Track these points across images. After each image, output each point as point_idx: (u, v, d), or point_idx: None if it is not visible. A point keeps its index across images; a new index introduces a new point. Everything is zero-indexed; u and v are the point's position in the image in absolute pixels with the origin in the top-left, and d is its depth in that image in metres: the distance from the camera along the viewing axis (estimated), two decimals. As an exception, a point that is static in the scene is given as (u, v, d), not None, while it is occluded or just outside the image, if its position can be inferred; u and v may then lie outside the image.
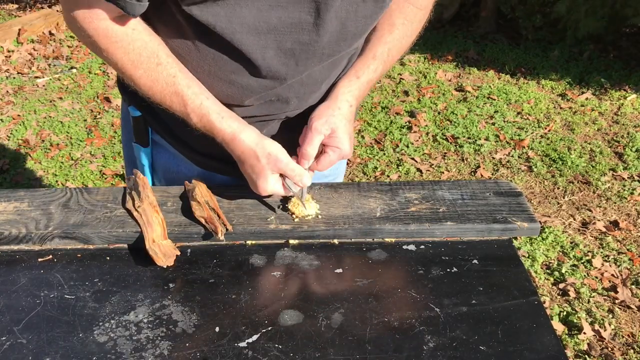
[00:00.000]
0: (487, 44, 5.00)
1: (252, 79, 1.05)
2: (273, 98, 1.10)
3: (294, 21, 0.97)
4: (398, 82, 4.39)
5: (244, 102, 1.09)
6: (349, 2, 0.99)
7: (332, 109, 1.09)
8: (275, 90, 1.09)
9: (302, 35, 1.00)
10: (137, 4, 0.93)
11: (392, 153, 3.50)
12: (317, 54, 1.04)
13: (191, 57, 1.03)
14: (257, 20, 0.96)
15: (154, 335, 0.86)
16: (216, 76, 1.05)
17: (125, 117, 1.27)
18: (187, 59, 1.04)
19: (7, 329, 0.87)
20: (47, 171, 3.36)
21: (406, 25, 1.16)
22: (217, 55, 1.02)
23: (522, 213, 1.09)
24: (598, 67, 4.51)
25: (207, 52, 1.01)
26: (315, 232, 1.05)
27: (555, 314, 2.38)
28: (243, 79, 1.05)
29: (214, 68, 1.04)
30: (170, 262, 0.97)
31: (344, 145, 1.08)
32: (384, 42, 1.14)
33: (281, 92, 1.09)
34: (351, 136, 1.11)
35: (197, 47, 1.01)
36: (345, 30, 1.03)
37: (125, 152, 1.34)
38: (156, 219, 1.03)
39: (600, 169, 3.34)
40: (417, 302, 0.93)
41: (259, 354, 0.83)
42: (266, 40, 0.99)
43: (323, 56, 1.05)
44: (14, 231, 1.03)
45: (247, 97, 1.08)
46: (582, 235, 2.84)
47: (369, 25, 1.06)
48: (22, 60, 4.83)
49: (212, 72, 1.04)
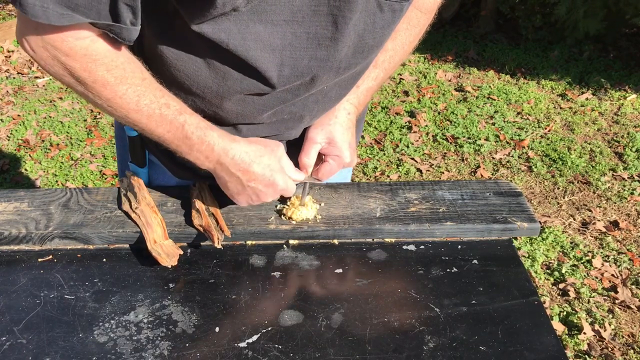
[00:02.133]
0: (487, 44, 5.00)
1: (265, 96, 1.00)
2: (286, 116, 1.06)
3: (310, 36, 0.92)
4: (398, 82, 4.39)
5: (255, 119, 1.05)
6: (367, 14, 0.94)
7: (328, 117, 1.08)
8: (289, 108, 1.05)
9: (319, 50, 0.95)
10: (133, 29, 0.85)
11: (392, 153, 3.50)
12: (333, 69, 0.99)
13: (200, 77, 0.97)
14: (271, 37, 0.90)
15: (154, 336, 0.86)
16: (226, 95, 0.99)
17: (120, 134, 1.23)
18: (195, 80, 0.97)
19: (7, 329, 0.87)
20: (47, 171, 3.36)
21: (409, 31, 1.14)
22: (228, 72, 0.96)
23: (522, 213, 1.09)
24: (598, 67, 4.51)
25: (218, 71, 0.95)
26: (315, 232, 1.05)
27: (555, 314, 2.38)
28: (256, 97, 1.00)
29: (225, 87, 0.98)
30: (174, 262, 0.97)
31: (344, 153, 1.07)
32: (385, 50, 1.12)
33: (295, 109, 1.05)
34: (352, 144, 1.09)
35: (208, 64, 0.95)
36: (362, 43, 0.98)
37: (120, 168, 1.29)
38: (155, 220, 1.03)
39: (600, 169, 3.34)
40: (417, 302, 0.93)
41: (259, 354, 0.83)
42: (282, 57, 0.94)
43: (340, 70, 1.01)
44: (14, 231, 1.03)
45: (259, 114, 1.04)
46: (582, 236, 2.84)
47: (385, 36, 1.02)
48: (22, 60, 4.83)
49: (221, 91, 0.99)
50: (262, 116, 1.04)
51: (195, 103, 1.01)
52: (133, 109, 0.92)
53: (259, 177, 0.99)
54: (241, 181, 0.99)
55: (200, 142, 0.96)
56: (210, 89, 0.98)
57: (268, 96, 1.00)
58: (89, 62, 0.87)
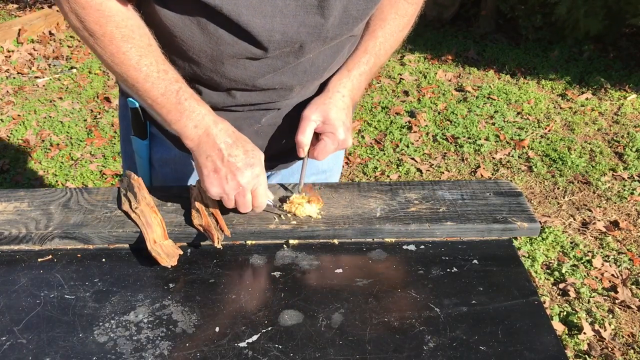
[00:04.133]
0: (487, 44, 5.00)
1: (257, 62, 1.06)
2: (277, 86, 1.11)
3: (299, 4, 0.98)
4: (398, 82, 4.39)
5: (248, 85, 1.09)
6: None
7: (323, 98, 1.12)
8: (279, 77, 1.09)
9: (307, 18, 1.01)
10: None
11: (392, 153, 3.50)
12: (321, 37, 1.05)
13: (195, 42, 1.03)
14: (262, 3, 0.96)
15: (154, 335, 0.86)
16: (220, 60, 1.05)
17: (124, 111, 1.27)
18: (191, 45, 1.03)
19: (7, 329, 0.87)
20: (47, 171, 3.36)
21: (397, 20, 1.19)
22: (223, 37, 1.01)
23: (522, 213, 1.09)
24: (598, 67, 4.51)
25: (213, 35, 1.01)
26: (315, 232, 1.05)
27: (555, 314, 2.38)
28: (248, 62, 1.06)
29: (219, 51, 1.03)
30: (174, 262, 0.97)
31: (338, 131, 1.10)
32: (375, 37, 1.17)
33: (284, 79, 1.10)
34: (347, 125, 1.12)
35: (203, 29, 1.00)
36: (347, 14, 1.04)
37: (123, 149, 1.34)
38: (155, 220, 1.03)
39: (600, 169, 3.34)
40: (417, 302, 0.93)
41: (259, 354, 0.83)
42: (272, 23, 0.99)
43: (326, 39, 1.06)
44: (14, 231, 1.03)
45: (252, 80, 1.08)
46: (582, 235, 2.84)
47: (370, 8, 1.07)
48: (22, 60, 4.83)
49: (216, 55, 1.04)
50: (255, 83, 1.09)
51: (192, 68, 1.08)
52: (133, 67, 1.00)
53: (240, 155, 1.01)
54: (222, 155, 1.01)
55: (191, 110, 1.02)
56: (205, 53, 1.04)
57: (260, 62, 1.06)
58: (100, 17, 0.97)
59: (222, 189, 1.01)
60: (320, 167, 1.36)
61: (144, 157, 1.26)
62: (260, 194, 1.03)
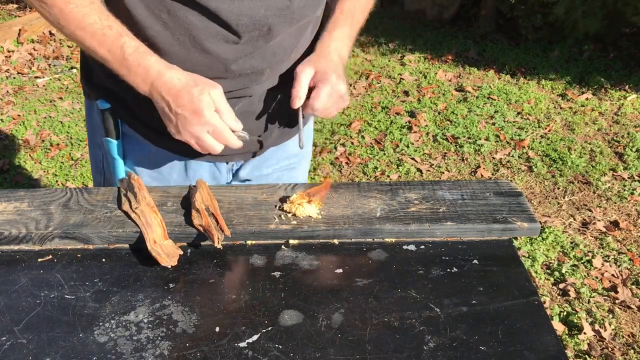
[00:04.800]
0: (487, 44, 5.00)
1: (227, 45, 1.09)
2: (248, 71, 1.15)
3: None
4: (398, 82, 4.39)
5: (220, 73, 1.12)
6: None
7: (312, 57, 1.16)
8: (250, 61, 1.13)
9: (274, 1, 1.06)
10: None
11: (392, 153, 3.50)
12: (287, 19, 1.10)
13: (167, 30, 1.06)
14: None
15: (154, 335, 0.86)
16: (192, 46, 1.08)
17: (90, 114, 1.29)
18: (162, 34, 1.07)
19: (7, 329, 0.87)
20: (47, 171, 3.36)
21: None
22: (193, 23, 1.05)
23: (522, 213, 1.09)
24: (598, 67, 4.51)
25: (184, 21, 1.05)
26: (315, 232, 1.05)
27: (555, 314, 2.38)
28: (220, 47, 1.09)
29: (190, 37, 1.07)
30: (174, 262, 0.97)
31: (331, 77, 1.12)
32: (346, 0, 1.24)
33: (255, 63, 1.14)
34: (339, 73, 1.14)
35: (173, 16, 1.04)
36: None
37: (92, 154, 1.35)
38: (155, 220, 1.03)
39: (600, 169, 3.34)
40: (417, 302, 0.93)
41: (259, 354, 0.83)
42: (240, 7, 1.04)
43: (293, 20, 1.12)
44: (14, 231, 1.03)
45: (224, 67, 1.12)
46: (582, 235, 2.84)
47: None
48: (22, 60, 4.83)
49: (187, 42, 1.07)
50: (226, 70, 1.12)
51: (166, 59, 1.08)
52: (78, 26, 1.03)
53: (186, 104, 1.03)
54: (170, 107, 1.04)
55: (137, 65, 1.04)
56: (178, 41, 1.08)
57: (232, 47, 1.10)
58: None
59: (182, 137, 1.07)
60: (290, 152, 1.39)
61: (118, 157, 1.27)
62: (220, 131, 1.06)
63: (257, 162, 1.36)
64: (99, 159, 1.33)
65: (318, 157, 3.46)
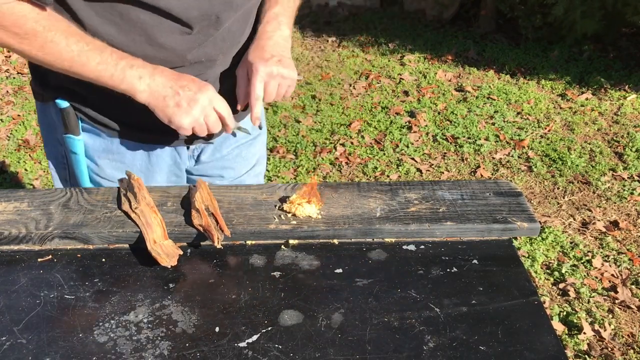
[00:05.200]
0: (487, 44, 5.00)
1: (181, 38, 1.15)
2: (203, 59, 1.21)
3: None
4: (398, 82, 4.39)
5: (177, 62, 1.18)
6: None
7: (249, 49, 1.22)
8: (203, 49, 1.19)
9: None
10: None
11: (392, 153, 3.50)
12: (232, 7, 1.18)
13: (122, 33, 1.11)
14: None
15: (154, 335, 0.86)
16: (148, 44, 1.13)
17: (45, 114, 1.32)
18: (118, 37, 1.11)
19: (7, 329, 0.87)
20: (47, 171, 3.35)
21: None
22: (147, 22, 1.10)
23: (522, 213, 1.09)
24: (598, 67, 4.51)
25: (137, 22, 1.10)
26: (315, 232, 1.05)
27: (555, 314, 2.38)
28: (174, 41, 1.15)
29: (146, 36, 1.12)
30: (174, 262, 0.97)
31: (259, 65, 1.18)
32: None
33: (208, 50, 1.20)
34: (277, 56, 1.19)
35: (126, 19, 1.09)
36: None
37: (51, 153, 1.37)
38: (155, 220, 1.03)
39: (600, 169, 3.34)
40: (417, 302, 0.93)
41: (259, 354, 0.83)
42: (188, 1, 1.10)
43: (238, 7, 1.19)
44: (14, 231, 1.03)
45: (180, 57, 1.17)
46: (582, 235, 2.84)
47: None
48: (22, 60, 4.83)
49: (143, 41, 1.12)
50: (183, 60, 1.18)
51: None
52: (64, 50, 1.06)
53: (189, 83, 1.12)
54: (176, 89, 1.11)
55: (130, 65, 1.10)
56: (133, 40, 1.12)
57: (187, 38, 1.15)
58: (17, 18, 1.03)
59: (192, 117, 1.12)
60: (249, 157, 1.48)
61: (81, 152, 1.29)
62: (222, 108, 1.16)
63: (216, 144, 1.41)
64: (60, 155, 1.35)
65: (318, 157, 3.46)
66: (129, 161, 1.32)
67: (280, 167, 3.36)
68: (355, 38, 5.16)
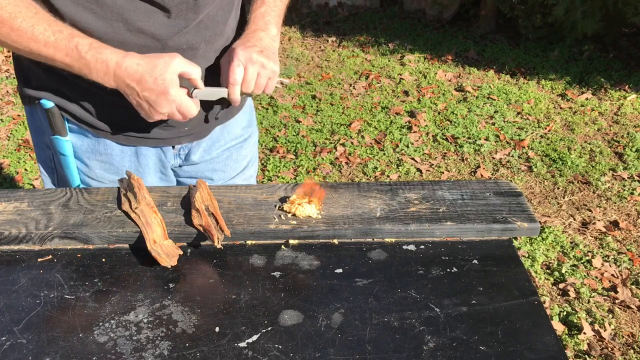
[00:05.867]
0: (487, 44, 5.00)
1: (159, 22, 1.14)
2: (184, 46, 1.19)
3: None
4: (398, 82, 4.39)
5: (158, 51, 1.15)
6: None
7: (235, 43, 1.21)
8: (185, 37, 1.18)
9: None
10: None
11: (392, 153, 3.50)
12: None
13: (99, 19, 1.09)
14: None
15: (154, 335, 0.86)
16: (126, 30, 1.12)
17: (33, 117, 1.31)
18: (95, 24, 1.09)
19: (7, 329, 0.87)
20: (47, 171, 3.35)
21: None
22: (123, 6, 1.09)
23: (522, 213, 1.09)
24: (598, 67, 4.51)
25: (112, 6, 1.09)
26: (315, 232, 1.05)
27: (555, 314, 2.38)
28: (153, 25, 1.13)
29: (123, 21, 1.11)
30: (174, 262, 0.97)
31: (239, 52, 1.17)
32: None
33: (190, 37, 1.19)
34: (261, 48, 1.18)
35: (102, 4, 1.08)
36: None
37: (41, 156, 1.37)
38: (155, 220, 1.03)
39: (600, 169, 3.34)
40: (417, 302, 0.93)
41: (259, 354, 0.83)
42: None
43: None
44: (14, 231, 1.03)
45: (161, 44, 1.16)
46: (582, 235, 2.84)
47: None
48: (22, 60, 4.83)
49: (121, 26, 1.11)
50: (164, 47, 1.17)
51: None
52: (30, 38, 1.04)
53: (151, 87, 1.08)
54: (136, 92, 1.09)
55: (95, 61, 1.06)
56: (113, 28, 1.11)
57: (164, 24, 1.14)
58: None
59: (156, 117, 1.12)
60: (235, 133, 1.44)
61: (69, 153, 1.29)
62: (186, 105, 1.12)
63: (206, 145, 1.40)
64: (48, 159, 1.35)
65: (318, 157, 3.46)
66: (118, 162, 1.31)
67: (280, 167, 3.36)
68: (355, 38, 5.16)
